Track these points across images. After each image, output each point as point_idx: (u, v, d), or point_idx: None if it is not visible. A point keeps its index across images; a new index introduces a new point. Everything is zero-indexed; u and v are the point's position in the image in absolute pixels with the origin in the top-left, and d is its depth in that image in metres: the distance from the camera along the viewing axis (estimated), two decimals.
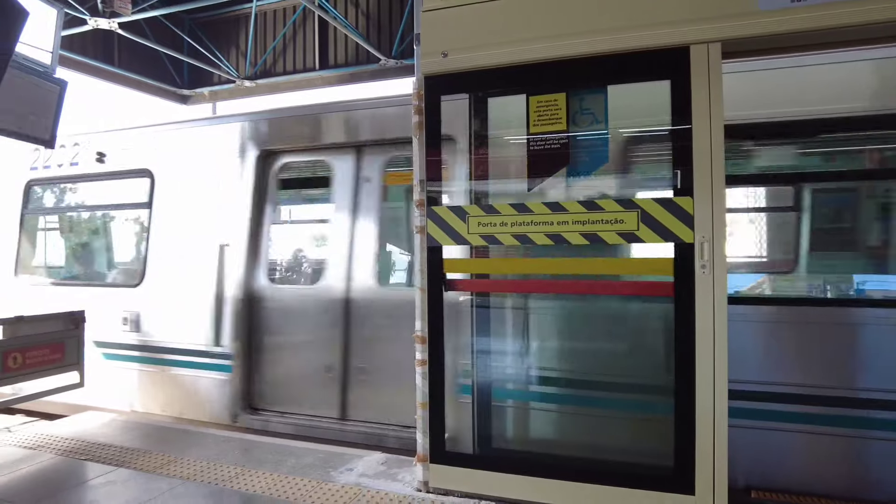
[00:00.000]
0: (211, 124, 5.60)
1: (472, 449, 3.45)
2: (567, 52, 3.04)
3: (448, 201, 3.43)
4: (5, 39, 3.01)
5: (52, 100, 4.25)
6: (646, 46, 2.90)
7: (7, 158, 6.47)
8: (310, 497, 3.31)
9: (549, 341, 3.81)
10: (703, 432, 2.80)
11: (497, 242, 3.20)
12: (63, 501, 3.33)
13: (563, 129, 3.14)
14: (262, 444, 4.26)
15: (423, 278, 3.34)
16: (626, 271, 3.20)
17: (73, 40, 9.30)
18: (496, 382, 3.69)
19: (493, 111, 3.59)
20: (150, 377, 5.50)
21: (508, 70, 3.19)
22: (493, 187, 3.62)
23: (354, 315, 4.76)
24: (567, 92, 3.12)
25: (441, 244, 3.30)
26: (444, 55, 3.30)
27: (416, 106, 3.39)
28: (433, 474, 3.34)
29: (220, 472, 3.71)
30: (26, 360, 4.53)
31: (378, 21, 10.12)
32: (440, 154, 3.36)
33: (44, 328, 4.71)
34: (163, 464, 3.85)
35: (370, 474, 3.63)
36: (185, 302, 5.33)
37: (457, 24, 3.27)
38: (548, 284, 3.54)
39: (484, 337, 3.61)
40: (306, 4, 9.48)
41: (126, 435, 4.51)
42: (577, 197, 3.27)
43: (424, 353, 3.36)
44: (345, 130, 4.93)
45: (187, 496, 3.38)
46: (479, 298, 3.58)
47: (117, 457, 4.00)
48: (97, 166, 5.96)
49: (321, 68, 10.72)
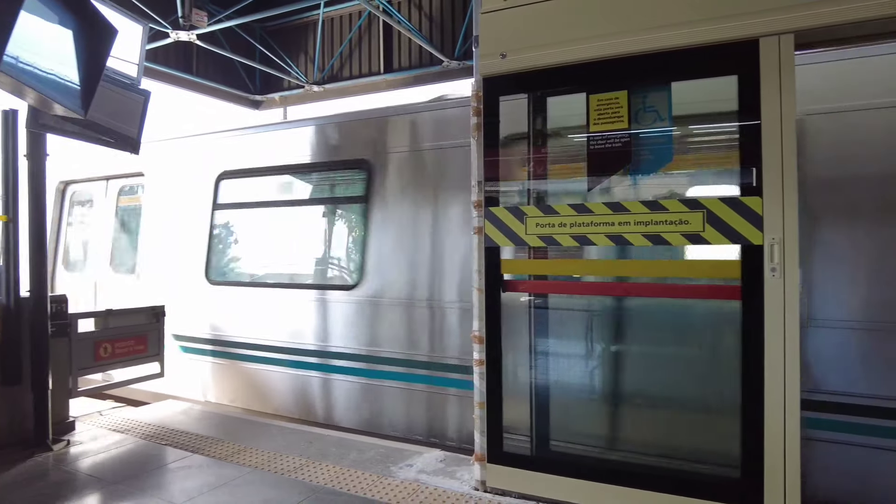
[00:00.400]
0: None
1: (529, 450, 3.44)
2: (628, 49, 2.97)
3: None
4: (98, 56, 3.27)
5: (138, 109, 4.57)
6: (711, 41, 2.80)
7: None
8: (370, 490, 3.41)
9: (610, 344, 3.74)
10: (773, 443, 2.67)
11: (555, 243, 3.17)
12: (146, 481, 3.58)
13: (625, 128, 3.08)
14: (326, 437, 4.40)
15: (481, 279, 3.36)
16: (689, 273, 3.09)
17: (156, 52, 9.92)
18: (555, 384, 3.66)
19: (552, 110, 3.56)
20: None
21: (568, 69, 3.16)
22: (551, 187, 3.59)
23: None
24: (628, 90, 3.05)
25: (498, 245, 3.31)
26: (502, 56, 3.30)
27: (474, 107, 3.41)
28: (490, 474, 3.36)
29: (286, 462, 3.87)
30: (115, 350, 4.89)
31: (441, 23, 10.21)
32: (498, 155, 3.37)
33: (129, 321, 5.07)
34: (233, 452, 4.06)
35: (429, 471, 3.69)
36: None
37: (515, 25, 3.27)
38: (608, 286, 3.48)
39: (542, 338, 3.59)
40: (371, 10, 9.70)
41: (200, 423, 4.78)
42: (639, 197, 3.19)
43: (482, 353, 3.38)
44: None
45: (255, 484, 3.55)
46: (537, 299, 3.56)
47: (193, 443, 4.25)
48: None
49: (386, 72, 10.93)
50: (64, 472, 3.79)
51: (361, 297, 5.05)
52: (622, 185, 3.29)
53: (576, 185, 3.49)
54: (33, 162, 4.28)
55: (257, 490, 3.46)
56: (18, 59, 2.60)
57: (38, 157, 4.28)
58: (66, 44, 3.15)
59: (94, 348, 4.76)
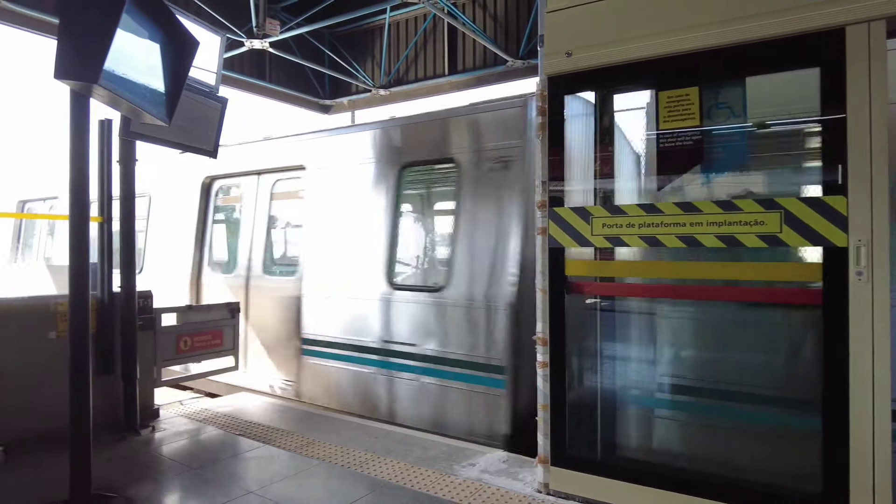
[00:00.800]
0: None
1: (595, 454, 3.38)
2: (698, 44, 2.87)
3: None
4: (181, 67, 3.48)
5: (216, 115, 4.83)
6: (790, 32, 2.65)
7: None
8: (433, 488, 3.45)
9: (680, 348, 3.62)
10: (860, 457, 2.51)
11: (623, 244, 3.11)
12: (221, 468, 3.78)
13: (696, 125, 2.97)
14: (390, 433, 4.50)
15: (545, 280, 3.34)
16: (765, 276, 2.95)
17: (232, 61, 10.44)
18: (622, 388, 3.58)
19: (619, 108, 3.49)
20: None
21: (635, 66, 3.08)
22: (618, 186, 3.52)
23: None
24: (700, 86, 2.95)
25: (563, 245, 3.27)
26: (567, 55, 3.27)
27: (539, 107, 3.39)
28: (553, 477, 3.33)
29: (353, 456, 3.98)
30: (194, 343, 5.19)
31: (505, 23, 10.20)
32: (563, 154, 3.33)
33: (207, 317, 5.36)
34: (303, 444, 4.22)
35: (492, 471, 3.70)
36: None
37: (581, 23, 3.23)
38: (679, 289, 3.37)
39: (609, 342, 3.52)
40: (436, 12, 9.81)
41: (271, 415, 4.99)
42: (712, 196, 3.08)
43: (545, 355, 3.35)
44: None
45: (323, 476, 3.67)
46: (604, 302, 3.50)
47: (265, 435, 4.45)
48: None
49: (450, 73, 11.02)
50: (150, 455, 4.06)
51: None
52: (693, 185, 3.19)
53: (644, 185, 3.40)
54: (124, 167, 4.61)
55: (325, 482, 3.59)
56: (114, 72, 2.81)
57: (128, 163, 4.60)
58: (153, 57, 3.38)
59: (176, 341, 5.06)
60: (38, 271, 7.68)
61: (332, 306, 5.61)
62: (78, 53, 2.67)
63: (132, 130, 4.25)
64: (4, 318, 4.04)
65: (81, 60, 2.67)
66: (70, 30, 2.69)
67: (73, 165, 3.30)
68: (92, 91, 2.91)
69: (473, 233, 4.76)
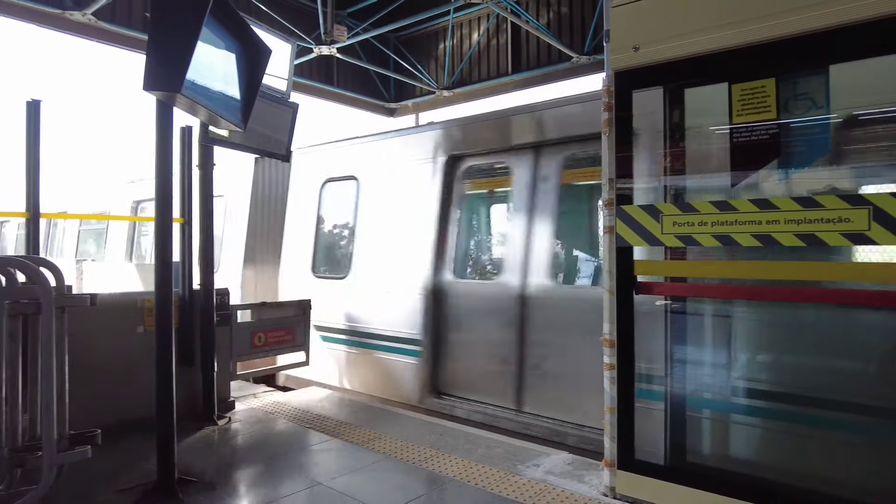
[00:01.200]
0: None
1: (663, 459, 3.28)
2: (776, 32, 2.73)
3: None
4: (255, 75, 3.65)
5: (287, 120, 5.03)
6: (882, 14, 2.48)
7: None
8: (497, 487, 3.46)
9: (758, 352, 3.45)
10: None
11: (695, 244, 3.00)
12: (292, 459, 3.94)
13: (773, 118, 2.83)
14: (455, 430, 4.53)
15: (612, 280, 3.27)
16: (852, 277, 2.77)
17: (301, 67, 10.81)
18: (693, 392, 3.46)
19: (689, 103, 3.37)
20: None
21: (706, 58, 2.96)
22: (689, 183, 3.40)
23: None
24: (776, 77, 2.80)
25: (632, 245, 3.20)
26: (635, 49, 3.19)
27: (605, 103, 3.33)
28: (620, 481, 3.26)
29: (417, 452, 4.04)
30: (267, 338, 5.43)
31: (570, 18, 10.04)
32: (631, 151, 3.25)
33: (280, 313, 5.59)
34: (369, 439, 4.32)
35: (556, 473, 3.66)
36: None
37: (648, 16, 3.14)
38: (760, 291, 3.20)
39: (679, 344, 3.41)
40: (499, 12, 9.79)
41: (339, 409, 5.14)
42: (789, 193, 2.92)
43: (612, 357, 3.28)
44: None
45: (388, 470, 3.75)
46: (674, 303, 3.39)
47: (333, 428, 4.59)
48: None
49: (514, 72, 10.97)
50: (227, 444, 4.28)
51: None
52: (770, 181, 3.03)
53: (717, 182, 3.27)
54: (204, 171, 4.88)
55: (391, 476, 3.66)
56: (195, 82, 2.99)
57: (207, 167, 4.87)
58: (230, 66, 3.56)
59: (251, 336, 5.31)
60: (133, 269, 8.26)
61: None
62: (163, 66, 2.85)
63: (210, 136, 4.49)
64: (104, 312, 4.36)
65: (166, 73, 2.85)
66: (156, 45, 2.88)
67: (158, 169, 3.53)
68: (175, 100, 3.11)
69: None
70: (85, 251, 11.28)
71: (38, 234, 4.30)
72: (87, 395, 3.85)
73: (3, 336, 2.68)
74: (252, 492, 3.51)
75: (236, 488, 3.53)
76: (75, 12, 8.00)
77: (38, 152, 4.21)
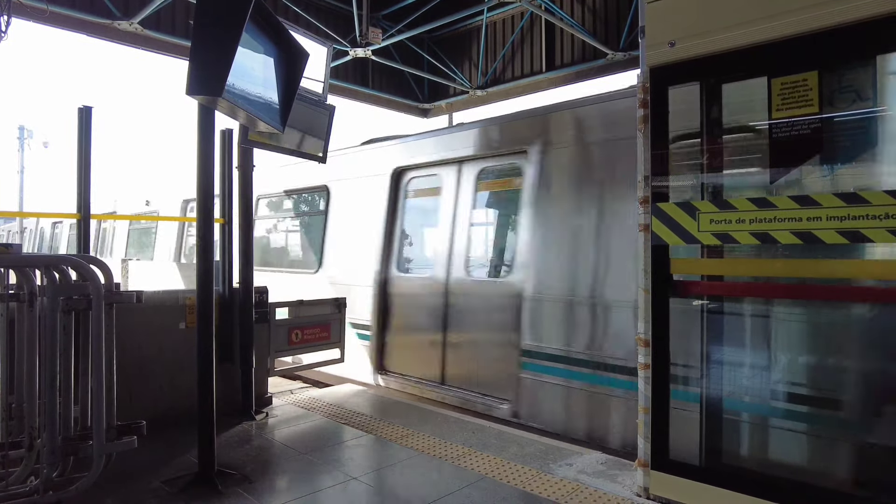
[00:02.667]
0: None
1: (698, 460, 3.23)
2: (821, 23, 2.66)
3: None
4: (293, 78, 3.74)
5: (324, 122, 5.12)
6: None
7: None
8: (530, 485, 3.46)
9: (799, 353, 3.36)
10: None
11: (732, 241, 2.94)
12: (328, 454, 4.01)
13: (815, 112, 2.75)
14: (487, 428, 4.55)
15: (647, 279, 3.23)
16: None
17: (336, 69, 10.98)
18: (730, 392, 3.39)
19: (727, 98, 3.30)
20: None
21: (745, 52, 2.91)
22: (726, 181, 3.33)
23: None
24: (819, 70, 2.72)
25: (667, 243, 3.15)
26: (671, 44, 3.15)
27: (640, 99, 3.29)
28: (654, 481, 3.22)
29: (450, 449, 4.07)
30: (304, 335, 5.54)
31: (605, 14, 9.92)
32: (666, 148, 3.21)
33: (316, 311, 5.69)
34: (402, 435, 4.37)
35: (589, 472, 3.64)
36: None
37: (684, 11, 3.10)
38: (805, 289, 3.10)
39: (716, 344, 3.35)
40: (533, 10, 9.74)
41: (372, 406, 5.22)
42: (831, 189, 2.83)
43: (647, 357, 3.25)
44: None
45: (422, 467, 3.79)
46: (711, 303, 3.33)
47: (367, 424, 4.66)
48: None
49: (548, 70, 10.90)
50: (265, 439, 4.39)
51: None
52: (810, 177, 2.95)
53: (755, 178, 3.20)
54: (243, 173, 5.01)
55: (424, 473, 3.70)
56: (235, 86, 3.08)
57: (247, 169, 5.00)
58: (268, 70, 3.66)
59: (288, 333, 5.43)
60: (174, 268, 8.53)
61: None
62: (205, 71, 2.95)
63: (250, 139, 4.61)
64: (148, 309, 4.53)
65: (208, 77, 2.95)
66: (199, 51, 2.98)
67: (200, 171, 3.65)
68: (217, 104, 3.21)
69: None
70: (133, 252, 11.72)
71: (89, 234, 4.49)
72: (130, 387, 4.01)
73: (58, 330, 2.82)
74: (289, 485, 3.60)
75: (273, 482, 3.62)
76: (123, 22, 8.32)
77: (89, 156, 4.40)
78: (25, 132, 24.47)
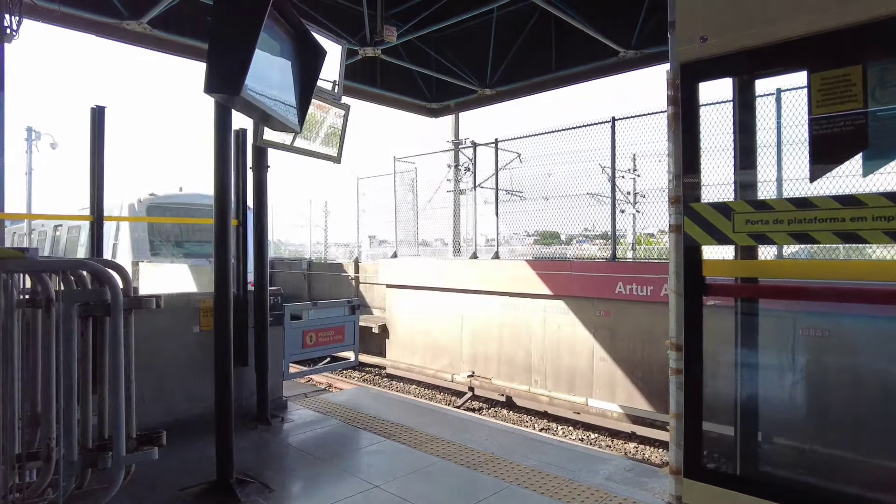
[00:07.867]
0: None
1: (734, 468, 3.13)
2: (865, 15, 2.55)
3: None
4: (310, 76, 3.66)
5: (340, 122, 5.03)
6: None
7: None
8: (558, 493, 3.36)
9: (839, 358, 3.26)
10: None
11: (769, 242, 2.83)
12: (346, 460, 3.93)
13: (859, 108, 2.64)
14: (511, 433, 4.45)
15: (679, 281, 3.13)
16: None
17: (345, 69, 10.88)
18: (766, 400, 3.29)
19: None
20: None
21: (783, 46, 2.80)
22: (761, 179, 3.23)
23: None
24: (864, 64, 2.61)
25: (700, 244, 3.05)
26: (702, 39, 3.04)
27: (670, 96, 3.19)
28: (686, 490, 3.11)
29: (472, 456, 3.98)
30: (318, 338, 5.45)
31: (616, 12, 9.81)
32: (698, 146, 3.11)
33: (330, 313, 5.61)
34: (422, 441, 4.28)
35: (617, 479, 3.54)
36: None
37: (717, 5, 2.99)
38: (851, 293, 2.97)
39: (750, 349, 3.24)
40: (543, 6, 9.63)
41: (389, 410, 5.12)
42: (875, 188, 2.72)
43: (679, 362, 3.14)
44: None
45: (445, 474, 3.70)
46: (745, 306, 3.23)
47: (385, 429, 4.57)
48: None
49: (558, 69, 10.80)
50: (280, 444, 4.31)
51: None
52: (853, 176, 2.84)
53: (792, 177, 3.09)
54: (256, 173, 4.93)
55: (448, 480, 3.61)
56: (251, 84, 3.00)
57: (260, 169, 4.92)
58: (285, 68, 3.57)
59: (303, 336, 5.35)
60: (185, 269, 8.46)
61: None
62: (223, 70, 2.87)
63: (264, 139, 4.53)
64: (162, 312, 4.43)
65: (226, 76, 2.87)
66: (216, 50, 2.90)
67: (217, 171, 3.58)
68: (234, 102, 3.13)
69: None
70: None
71: (101, 237, 4.41)
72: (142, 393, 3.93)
73: (76, 336, 2.74)
74: (309, 494, 3.52)
75: (293, 490, 3.54)
76: (131, 22, 8.25)
77: (103, 157, 4.32)
78: (33, 133, 24.45)
